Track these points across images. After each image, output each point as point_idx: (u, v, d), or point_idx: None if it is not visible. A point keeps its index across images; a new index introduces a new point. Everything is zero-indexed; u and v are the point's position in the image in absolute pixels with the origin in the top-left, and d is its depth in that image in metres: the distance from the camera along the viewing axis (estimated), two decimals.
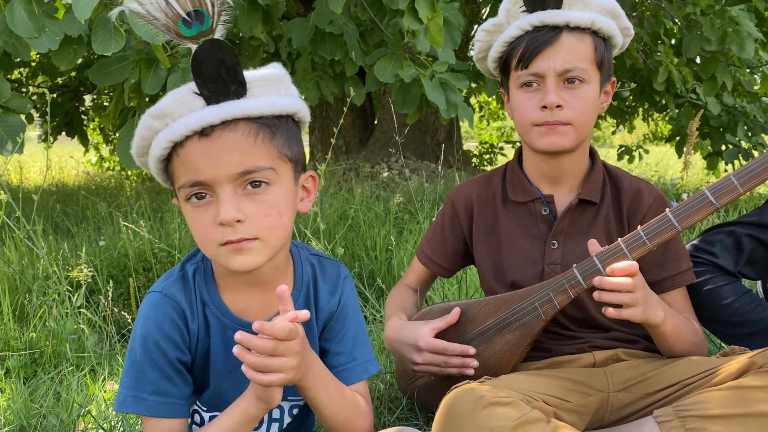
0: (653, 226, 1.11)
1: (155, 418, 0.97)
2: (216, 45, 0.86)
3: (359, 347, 1.08)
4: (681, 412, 1.06)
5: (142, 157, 0.97)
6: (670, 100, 4.51)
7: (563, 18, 1.19)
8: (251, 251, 0.91)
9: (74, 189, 5.38)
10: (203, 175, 0.89)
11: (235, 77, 0.87)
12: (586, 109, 1.22)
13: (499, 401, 1.01)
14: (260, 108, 0.90)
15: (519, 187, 1.33)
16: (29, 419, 1.35)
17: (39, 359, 1.76)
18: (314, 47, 3.17)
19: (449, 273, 1.45)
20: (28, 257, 2.28)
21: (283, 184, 0.94)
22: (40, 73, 5.55)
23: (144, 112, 0.91)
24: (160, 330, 0.97)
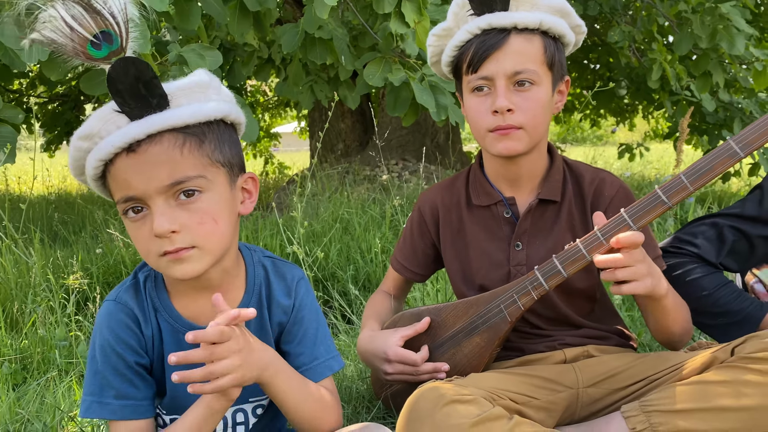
0: (609, 225, 1.12)
1: (121, 420, 0.99)
2: (129, 62, 0.86)
3: (320, 346, 1.09)
4: (646, 407, 1.08)
5: (81, 176, 0.98)
6: (665, 97, 4.51)
7: (510, 20, 1.19)
8: (190, 260, 0.92)
9: (75, 198, 5.44)
10: (134, 190, 0.91)
11: (154, 90, 0.88)
12: (537, 111, 1.22)
13: (459, 399, 1.03)
14: (183, 117, 0.90)
15: (481, 191, 1.34)
16: (13, 424, 1.37)
17: (29, 366, 1.79)
18: (304, 52, 3.20)
19: (423, 278, 1.47)
20: (20, 266, 2.31)
21: (216, 190, 0.95)
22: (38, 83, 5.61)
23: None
24: (117, 336, 0.99)
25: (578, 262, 1.14)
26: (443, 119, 2.97)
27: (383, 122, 6.15)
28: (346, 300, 2.42)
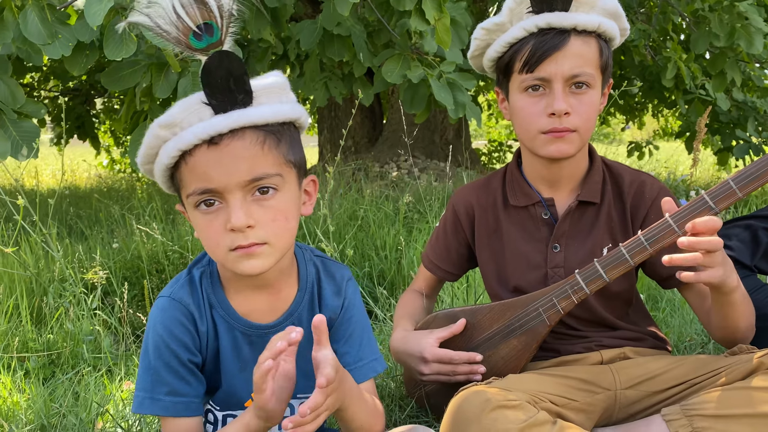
0: (653, 231, 1.11)
1: (172, 417, 1.00)
2: (225, 56, 0.88)
3: (365, 347, 1.10)
4: (689, 411, 1.07)
5: (148, 165, 0.98)
6: (679, 96, 4.50)
7: (571, 21, 1.16)
8: (260, 255, 0.93)
9: (87, 192, 5.44)
10: (213, 183, 0.91)
11: (242, 87, 0.90)
12: (591, 114, 1.21)
13: (506, 404, 1.03)
14: (266, 116, 0.92)
15: (519, 191, 1.32)
16: (49, 418, 1.38)
17: (57, 360, 1.79)
18: (322, 49, 3.19)
19: (456, 277, 1.46)
20: (44, 260, 2.32)
21: (288, 189, 0.96)
22: (51, 77, 5.61)
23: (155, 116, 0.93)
24: (171, 333, 1.00)
25: (620, 267, 1.14)
26: (460, 116, 2.97)
27: (392, 119, 6.15)
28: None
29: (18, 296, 2.02)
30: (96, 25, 2.06)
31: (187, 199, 0.95)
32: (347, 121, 2.81)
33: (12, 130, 2.35)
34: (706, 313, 1.24)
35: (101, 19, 2.03)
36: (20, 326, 1.90)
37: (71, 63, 2.45)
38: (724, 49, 3.88)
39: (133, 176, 7.21)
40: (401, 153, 5.47)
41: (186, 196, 0.95)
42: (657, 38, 4.46)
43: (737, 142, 4.62)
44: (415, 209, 3.79)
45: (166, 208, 3.58)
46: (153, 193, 4.51)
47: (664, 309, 2.03)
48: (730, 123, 4.61)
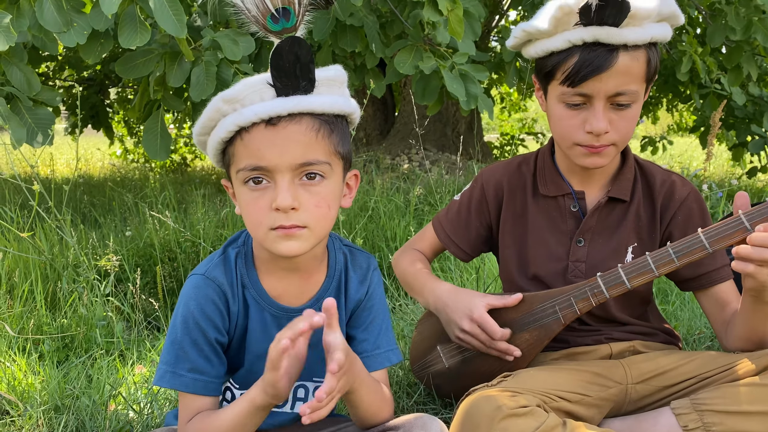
0: (683, 245, 1.10)
1: (191, 394, 1.02)
2: (296, 42, 0.91)
3: (383, 336, 1.12)
4: (699, 406, 1.07)
5: (203, 136, 1.01)
6: (693, 90, 4.45)
7: (620, 39, 1.10)
8: (299, 238, 0.96)
9: (100, 180, 5.50)
10: (266, 161, 0.94)
11: (307, 74, 0.92)
12: (630, 128, 1.18)
13: (516, 413, 1.03)
14: (324, 105, 0.95)
15: (550, 181, 1.30)
16: (63, 400, 1.41)
17: (70, 344, 1.82)
18: (335, 40, 3.19)
19: (467, 257, 1.41)
20: (58, 246, 2.35)
21: (334, 179, 0.99)
22: (66, 66, 5.65)
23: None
24: (202, 311, 1.02)
25: (644, 276, 1.13)
26: (472, 108, 2.96)
27: (404, 111, 6.14)
28: None
29: (33, 281, 2.05)
30: (111, 14, 2.08)
31: (236, 174, 0.98)
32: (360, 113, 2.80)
33: (28, 117, 2.38)
34: (724, 323, 1.23)
35: (116, 7, 2.05)
36: (35, 310, 1.93)
37: (86, 51, 2.48)
38: (740, 43, 3.84)
39: (146, 166, 7.26)
40: (413, 145, 5.46)
41: (236, 171, 0.97)
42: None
43: (752, 137, 4.57)
44: (425, 201, 3.80)
45: (178, 197, 3.61)
46: (166, 183, 4.55)
47: (674, 303, 2.02)
48: (746, 118, 4.55)
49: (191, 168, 7.32)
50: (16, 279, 2.07)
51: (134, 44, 2.30)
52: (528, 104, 9.80)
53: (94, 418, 1.35)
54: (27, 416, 1.33)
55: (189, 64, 2.51)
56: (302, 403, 1.12)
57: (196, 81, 2.46)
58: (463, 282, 2.23)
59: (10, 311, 1.88)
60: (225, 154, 1.00)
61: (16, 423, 1.34)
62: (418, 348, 1.45)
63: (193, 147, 7.81)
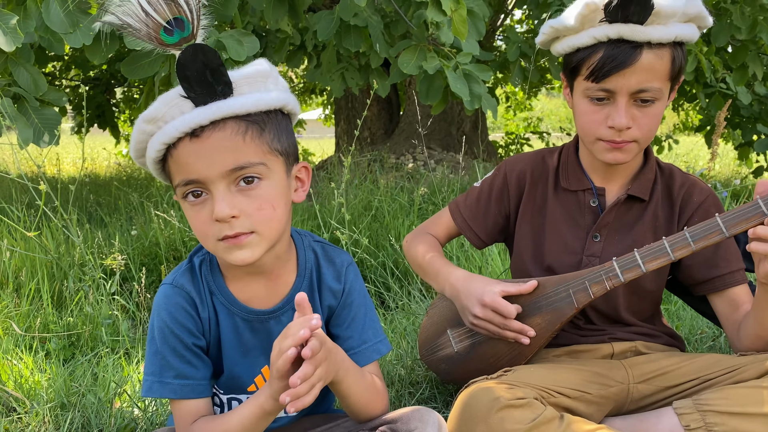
0: (700, 228, 1.10)
1: (181, 399, 1.02)
2: (198, 49, 0.87)
3: (368, 329, 1.10)
4: (701, 406, 1.08)
5: (141, 158, 1.00)
6: (699, 89, 4.44)
7: (645, 36, 1.11)
8: (249, 245, 0.94)
9: (106, 180, 5.53)
10: (196, 174, 0.92)
11: (220, 78, 0.89)
12: (653, 125, 1.19)
13: (513, 403, 1.04)
14: (247, 106, 0.92)
15: (572, 175, 1.32)
16: (69, 397, 1.42)
17: (76, 342, 1.84)
18: (339, 40, 3.20)
19: (482, 244, 1.41)
20: (64, 245, 2.37)
21: (274, 177, 0.96)
22: (72, 66, 5.68)
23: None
24: (174, 319, 1.02)
25: (660, 259, 1.13)
26: (476, 108, 2.96)
27: (409, 111, 6.14)
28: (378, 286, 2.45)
29: (39, 280, 2.07)
30: None
31: (176, 190, 0.97)
32: (363, 113, 2.83)
33: (34, 117, 2.41)
34: (736, 323, 1.23)
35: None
36: (41, 309, 1.95)
37: (92, 52, 2.49)
38: (745, 42, 3.82)
39: None
40: (417, 144, 5.47)
41: (175, 186, 0.96)
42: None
43: (758, 137, 4.55)
44: (429, 201, 3.81)
45: None
46: None
47: (676, 302, 2.02)
48: (752, 117, 4.54)
49: None
50: (23, 278, 2.09)
51: (139, 45, 2.31)
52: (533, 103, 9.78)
53: (100, 415, 1.36)
54: (33, 413, 1.35)
55: None
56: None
57: None
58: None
59: (17, 309, 1.90)
60: (164, 171, 0.98)
61: (23, 420, 1.35)
62: (428, 332, 1.44)
63: None
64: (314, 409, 1.18)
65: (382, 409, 1.08)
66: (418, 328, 1.86)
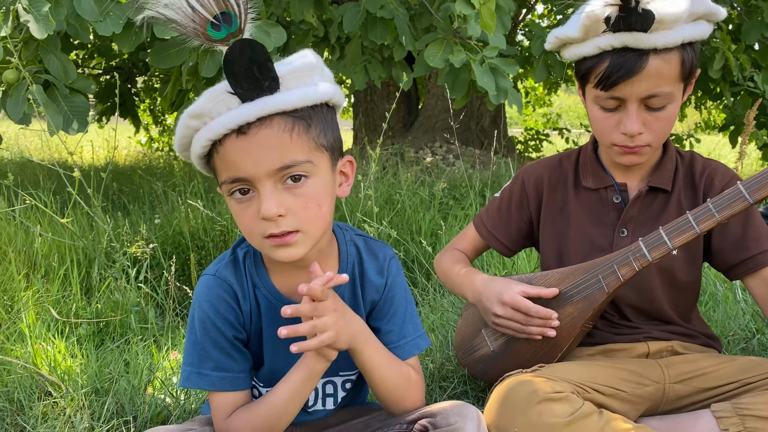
0: (723, 198, 1.08)
1: (220, 392, 1.02)
2: (246, 44, 0.86)
3: (408, 324, 1.10)
4: (741, 410, 1.07)
5: (185, 152, 0.99)
6: (725, 88, 4.37)
7: (650, 43, 1.10)
8: (294, 244, 0.94)
9: (127, 168, 5.57)
10: (243, 172, 0.91)
11: (267, 74, 0.88)
12: (667, 127, 1.18)
13: (552, 397, 1.03)
14: (294, 101, 0.90)
15: (592, 174, 1.31)
16: (102, 383, 1.44)
17: (105, 329, 1.86)
18: (365, 32, 3.19)
19: (510, 252, 1.43)
20: (93, 232, 2.39)
21: (321, 174, 0.95)
22: (95, 55, 5.72)
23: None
24: (216, 311, 1.02)
25: (686, 234, 1.11)
26: (501, 102, 2.94)
27: (428, 104, 6.12)
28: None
29: (69, 266, 2.09)
30: None
31: (222, 186, 0.96)
32: (383, 105, 2.83)
33: (64, 104, 2.42)
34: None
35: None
36: (71, 295, 1.97)
37: (121, 40, 2.50)
38: None
39: (170, 155, 7.33)
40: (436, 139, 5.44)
41: (221, 183, 0.96)
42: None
43: None
44: (450, 195, 3.79)
45: (206, 187, 3.64)
46: (191, 172, 4.59)
47: (707, 303, 2.00)
48: None
49: None
50: (54, 263, 2.11)
51: (168, 34, 2.32)
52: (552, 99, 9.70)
53: (133, 401, 1.37)
54: (69, 398, 1.36)
55: (221, 55, 2.52)
56: (332, 399, 1.13)
57: None
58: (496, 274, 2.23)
59: (48, 295, 1.92)
60: (210, 166, 0.98)
61: (59, 404, 1.37)
62: (463, 334, 1.44)
63: None
64: (350, 402, 1.18)
65: (416, 403, 1.07)
66: (446, 322, 1.86)
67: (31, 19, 2.18)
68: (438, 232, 2.91)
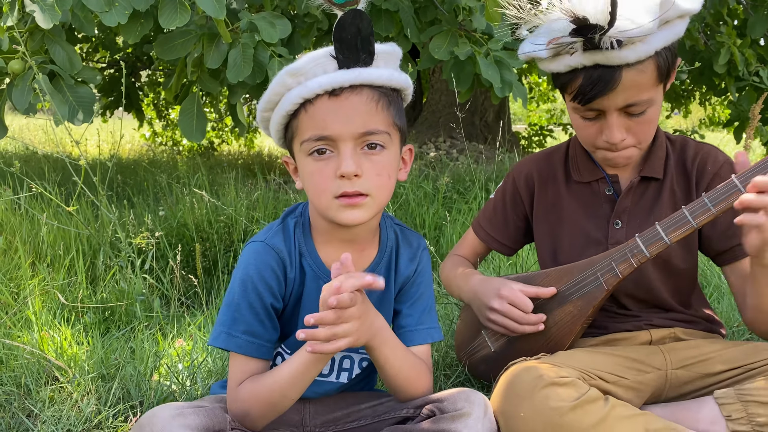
0: (718, 192, 1.09)
1: (243, 356, 1.04)
2: (358, 15, 0.94)
3: (427, 314, 1.15)
4: (744, 396, 1.07)
5: (267, 112, 1.05)
6: (730, 83, 4.35)
7: (621, 60, 1.08)
8: (362, 207, 0.99)
9: (130, 161, 5.57)
10: (330, 131, 0.97)
11: (367, 47, 0.96)
12: (651, 128, 1.19)
13: (558, 381, 1.04)
14: (383, 78, 0.99)
15: (583, 167, 1.31)
16: (108, 369, 1.44)
17: (110, 317, 1.86)
18: None
19: (511, 251, 1.44)
20: (98, 222, 2.40)
21: (393, 149, 1.03)
22: (100, 48, 5.72)
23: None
24: (260, 276, 1.05)
25: (682, 228, 1.11)
26: (506, 95, 2.94)
27: (432, 99, 6.11)
28: None
29: (74, 255, 2.09)
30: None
31: (301, 146, 1.01)
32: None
33: (69, 95, 2.43)
34: (743, 294, 1.22)
35: None
36: (77, 283, 1.98)
37: (127, 31, 2.51)
38: None
39: (174, 149, 7.34)
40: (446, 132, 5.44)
41: (300, 142, 1.01)
42: (711, 22, 4.32)
43: None
44: (454, 189, 3.79)
45: (210, 179, 3.65)
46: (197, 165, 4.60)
47: (711, 294, 2.00)
48: None
49: (218, 152, 7.38)
50: (60, 251, 2.11)
51: (174, 25, 2.32)
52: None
53: (140, 387, 1.38)
54: (75, 383, 1.37)
55: (226, 46, 2.53)
56: (347, 373, 1.15)
57: (233, 63, 2.47)
58: (499, 272, 2.23)
59: (54, 282, 1.92)
60: (288, 130, 1.03)
61: (66, 389, 1.37)
62: (463, 335, 1.45)
63: (220, 131, 7.87)
64: (362, 383, 1.20)
65: (424, 389, 1.09)
66: (450, 312, 1.86)
67: (37, 9, 2.19)
68: (443, 223, 2.91)
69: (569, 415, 1.01)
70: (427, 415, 1.04)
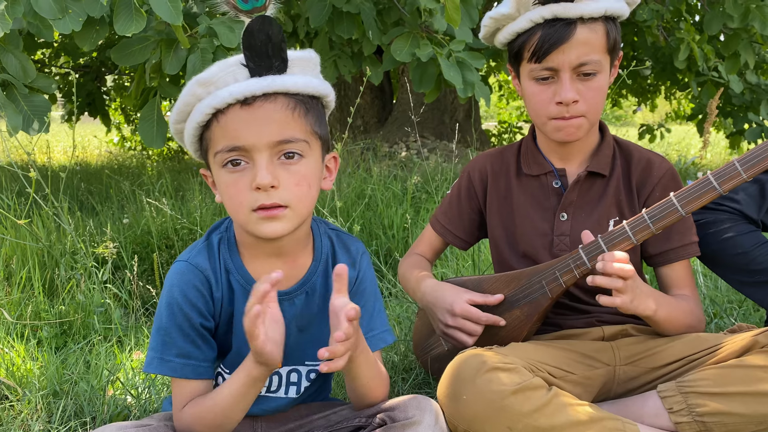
0: (657, 209, 1.13)
1: (182, 379, 1.03)
2: (267, 21, 0.92)
3: (376, 318, 1.13)
4: (683, 388, 1.10)
5: (179, 123, 1.02)
6: (691, 78, 4.45)
7: (577, 12, 1.19)
8: (282, 219, 0.97)
9: (97, 168, 5.49)
10: (243, 141, 0.95)
11: (279, 54, 0.94)
12: (599, 99, 1.24)
13: (501, 366, 1.06)
14: (298, 85, 0.97)
15: (533, 161, 1.36)
16: (61, 385, 1.42)
17: (68, 330, 1.83)
18: (331, 26, 3.18)
19: (466, 244, 1.47)
20: (55, 233, 2.36)
21: (313, 158, 1.00)
22: (62, 53, 5.62)
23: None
24: (185, 297, 1.02)
25: (623, 244, 1.16)
26: (469, 96, 2.96)
27: (402, 99, 6.12)
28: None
29: (30, 268, 2.06)
30: (106, 1, 2.07)
31: (214, 158, 0.98)
32: (356, 100, 2.82)
33: (23, 104, 2.38)
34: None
35: None
36: (33, 297, 1.94)
37: (82, 38, 2.46)
38: (737, 31, 3.83)
39: (143, 153, 7.24)
40: (410, 133, 5.46)
41: (214, 154, 0.98)
42: (670, 19, 4.40)
43: (750, 125, 4.57)
44: (423, 189, 3.80)
45: (175, 185, 3.61)
46: (163, 171, 4.55)
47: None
48: (743, 106, 4.56)
49: (188, 156, 7.30)
50: (14, 266, 2.07)
51: (130, 31, 2.29)
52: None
53: (93, 402, 1.36)
54: (26, 401, 1.34)
55: (185, 52, 2.50)
56: (295, 387, 1.14)
57: (192, 68, 2.45)
58: (459, 270, 2.24)
59: (8, 297, 1.89)
60: (202, 141, 1.01)
61: (15, 408, 1.35)
62: (420, 333, 1.48)
63: None
64: (314, 395, 1.19)
65: (382, 396, 1.10)
66: (411, 314, 1.87)
67: None
68: (406, 225, 2.92)
69: (510, 398, 1.03)
70: (378, 424, 1.04)
